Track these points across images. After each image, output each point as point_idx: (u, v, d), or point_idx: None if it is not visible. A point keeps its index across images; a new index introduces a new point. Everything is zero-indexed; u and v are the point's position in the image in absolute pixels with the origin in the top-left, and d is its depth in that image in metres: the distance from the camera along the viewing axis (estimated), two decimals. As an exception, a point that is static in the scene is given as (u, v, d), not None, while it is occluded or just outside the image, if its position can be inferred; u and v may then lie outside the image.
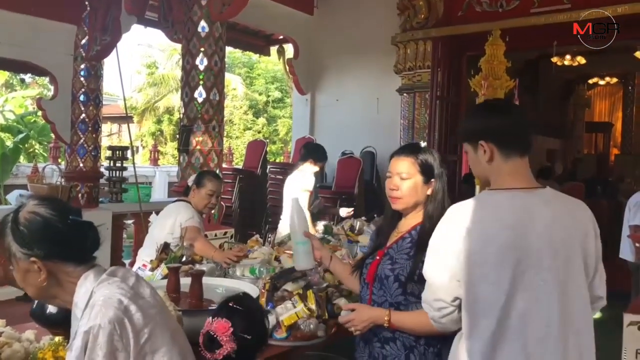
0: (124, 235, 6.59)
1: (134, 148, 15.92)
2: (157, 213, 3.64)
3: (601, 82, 13.13)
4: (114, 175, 7.45)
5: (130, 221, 6.44)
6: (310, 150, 4.87)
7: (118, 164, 7.47)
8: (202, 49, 5.33)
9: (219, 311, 1.66)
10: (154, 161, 16.17)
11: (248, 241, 3.42)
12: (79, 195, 6.40)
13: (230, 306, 1.66)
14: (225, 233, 4.05)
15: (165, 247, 3.00)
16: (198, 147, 5.38)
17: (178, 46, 6.60)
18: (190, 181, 3.56)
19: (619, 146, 14.09)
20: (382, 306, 1.88)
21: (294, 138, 8.69)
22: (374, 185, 7.22)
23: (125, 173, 7.59)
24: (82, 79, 6.40)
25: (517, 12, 6.10)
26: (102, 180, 7.06)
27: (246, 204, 7.32)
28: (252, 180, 7.56)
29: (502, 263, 1.48)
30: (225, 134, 8.90)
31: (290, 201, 2.21)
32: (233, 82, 20.73)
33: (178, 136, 5.74)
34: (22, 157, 14.41)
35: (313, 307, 2.24)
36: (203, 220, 3.52)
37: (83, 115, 6.42)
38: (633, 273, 5.23)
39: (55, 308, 1.92)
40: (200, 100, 5.36)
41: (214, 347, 1.60)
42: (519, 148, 1.60)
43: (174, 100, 19.75)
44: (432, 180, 1.94)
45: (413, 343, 1.84)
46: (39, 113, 9.54)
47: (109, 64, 6.71)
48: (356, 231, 3.70)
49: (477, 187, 3.66)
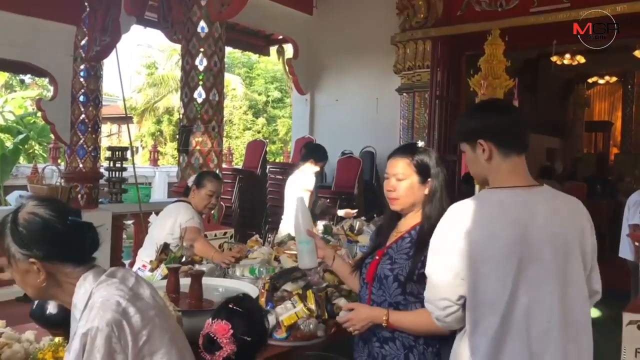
0: (124, 235, 6.58)
1: (134, 148, 15.93)
2: (157, 213, 3.64)
3: (601, 81, 13.13)
4: (114, 175, 7.44)
5: (130, 222, 6.44)
6: (310, 150, 4.87)
7: (118, 165, 7.46)
8: (202, 50, 5.33)
9: (219, 313, 1.65)
10: (154, 162, 16.16)
11: (248, 241, 3.43)
12: (79, 195, 6.40)
13: (230, 308, 1.66)
14: (225, 233, 4.05)
15: (165, 248, 3.00)
16: (198, 148, 5.38)
17: (178, 46, 6.61)
18: (190, 182, 3.56)
19: (619, 145, 14.08)
20: (382, 306, 1.88)
21: (294, 138, 8.70)
22: (374, 185, 7.22)
23: (124, 173, 7.58)
24: (82, 80, 6.39)
25: (517, 12, 6.10)
26: (102, 180, 7.05)
27: (246, 204, 7.32)
28: (252, 180, 7.56)
29: (507, 260, 1.50)
30: (224, 134, 8.90)
31: (291, 201, 2.21)
32: (233, 82, 20.74)
33: (178, 136, 5.74)
34: (22, 158, 14.40)
35: (313, 307, 2.24)
36: (203, 220, 3.53)
37: (83, 115, 6.42)
38: (632, 272, 5.23)
39: (55, 309, 1.93)
40: (199, 100, 5.36)
41: (214, 349, 1.60)
42: (518, 146, 1.63)
43: (174, 100, 19.76)
44: (429, 180, 1.93)
45: (412, 343, 1.84)
46: (39, 114, 9.54)
47: (109, 65, 6.72)
48: (356, 231, 3.71)
49: (477, 187, 3.65)
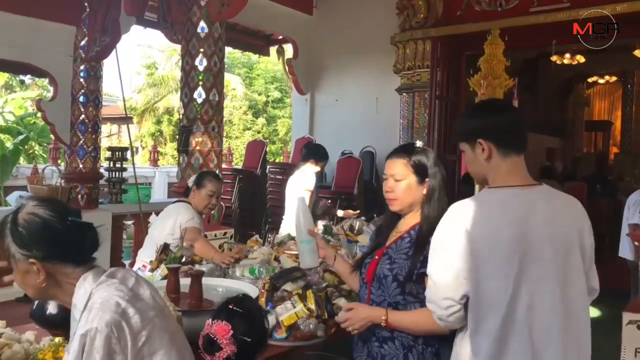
0: (124, 236, 6.59)
1: (134, 149, 15.92)
2: (157, 214, 3.64)
3: (600, 81, 13.14)
4: (114, 176, 7.43)
5: (130, 222, 6.44)
6: (311, 150, 4.87)
7: (118, 165, 7.45)
8: (202, 50, 5.33)
9: (219, 313, 1.65)
10: (154, 162, 16.15)
11: (248, 241, 3.43)
12: (79, 196, 6.40)
13: (229, 308, 1.66)
14: (225, 233, 4.05)
15: (164, 248, 3.01)
16: (197, 148, 5.38)
17: (178, 47, 6.61)
18: (190, 182, 3.56)
19: (619, 145, 14.08)
20: (381, 305, 1.88)
21: (294, 138, 8.70)
22: (374, 185, 7.22)
23: (124, 174, 7.57)
24: (82, 80, 6.39)
25: (516, 11, 6.10)
26: (102, 181, 7.04)
27: (246, 204, 7.32)
28: (252, 180, 7.56)
29: (509, 258, 1.52)
30: (224, 134, 8.90)
31: (292, 201, 2.21)
32: (232, 83, 20.74)
33: (178, 137, 5.74)
34: (22, 159, 14.40)
35: (312, 307, 2.24)
36: (203, 220, 3.53)
37: (82, 116, 6.41)
38: (632, 271, 5.23)
39: (55, 309, 1.93)
40: (199, 100, 5.36)
41: (214, 350, 1.59)
42: (517, 146, 1.64)
43: (174, 100, 19.76)
44: (427, 179, 1.93)
45: (411, 342, 1.84)
46: (39, 114, 9.54)
47: (109, 65, 6.71)
48: (355, 231, 3.71)
49: (477, 187, 3.65)
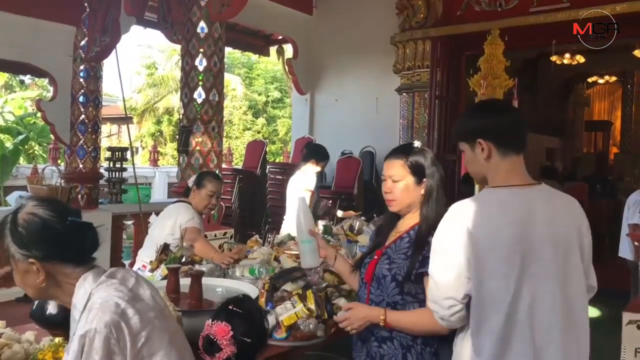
0: (124, 236, 6.59)
1: (134, 149, 15.93)
2: (157, 214, 3.64)
3: (600, 81, 13.13)
4: (114, 176, 7.44)
5: (130, 222, 6.44)
6: (311, 150, 4.87)
7: (118, 165, 7.45)
8: (202, 50, 5.33)
9: (219, 314, 1.65)
10: (154, 162, 16.14)
11: (248, 241, 3.43)
12: (79, 196, 6.40)
13: (229, 309, 1.65)
14: (225, 233, 4.05)
15: (164, 248, 3.01)
16: (197, 148, 5.38)
17: (177, 47, 6.61)
18: (190, 182, 3.56)
19: (618, 145, 14.08)
20: (380, 305, 1.88)
21: (294, 138, 8.70)
22: (374, 185, 7.21)
23: (124, 174, 7.57)
24: (82, 80, 6.39)
25: (516, 11, 6.11)
26: (102, 181, 7.05)
27: (246, 204, 7.32)
28: (252, 180, 7.56)
29: (511, 258, 1.53)
30: (224, 135, 8.89)
31: (293, 202, 2.21)
32: (232, 83, 20.73)
33: (177, 137, 5.74)
34: (22, 159, 14.40)
35: (312, 307, 2.24)
36: (203, 220, 3.53)
37: (82, 116, 6.41)
38: (632, 271, 5.23)
39: (55, 309, 1.93)
40: (199, 100, 5.36)
41: (214, 351, 1.59)
42: (516, 146, 1.65)
43: (174, 101, 19.75)
44: (424, 180, 1.93)
45: (410, 342, 1.84)
46: (39, 114, 9.53)
47: (109, 65, 6.71)
48: (355, 231, 3.71)
49: (477, 187, 3.65)
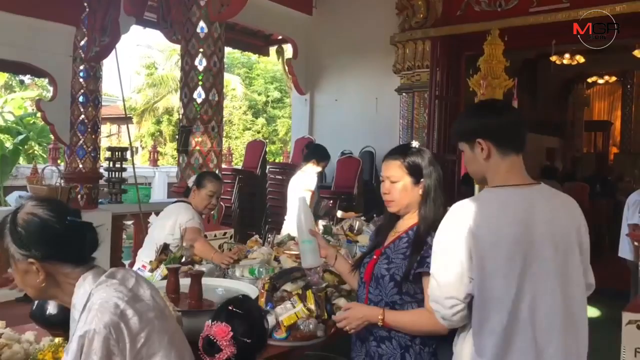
0: (124, 236, 6.59)
1: (133, 149, 15.92)
2: (157, 214, 3.64)
3: (600, 81, 13.14)
4: (114, 176, 7.43)
5: (129, 222, 6.44)
6: (312, 150, 4.88)
7: (117, 165, 7.45)
8: (201, 50, 5.32)
9: (218, 315, 1.64)
10: (154, 162, 16.14)
11: (247, 241, 3.42)
12: (79, 196, 6.40)
13: (229, 309, 1.65)
14: (224, 233, 4.04)
15: (164, 248, 3.01)
16: (197, 148, 5.37)
17: (177, 47, 6.61)
18: (190, 182, 3.56)
19: (618, 145, 14.09)
20: (378, 305, 1.89)
21: (294, 138, 8.70)
22: (373, 185, 7.22)
23: (124, 174, 7.57)
24: (81, 80, 6.38)
25: (516, 12, 6.11)
26: (102, 181, 7.04)
27: (246, 204, 7.32)
28: (252, 180, 7.56)
29: (512, 257, 1.54)
30: (224, 134, 8.89)
31: (294, 202, 2.21)
32: (232, 83, 20.72)
33: (177, 137, 5.73)
34: (22, 159, 14.38)
35: (312, 307, 2.24)
36: (203, 220, 3.53)
37: (82, 116, 6.41)
38: (632, 271, 5.23)
39: (55, 309, 1.93)
40: (199, 100, 5.36)
41: (214, 352, 1.59)
42: (515, 146, 1.67)
43: (173, 100, 19.74)
44: (422, 180, 1.93)
45: (409, 342, 1.84)
46: (38, 114, 9.51)
47: (108, 65, 6.70)
48: (355, 231, 3.71)
49: (477, 187, 3.65)
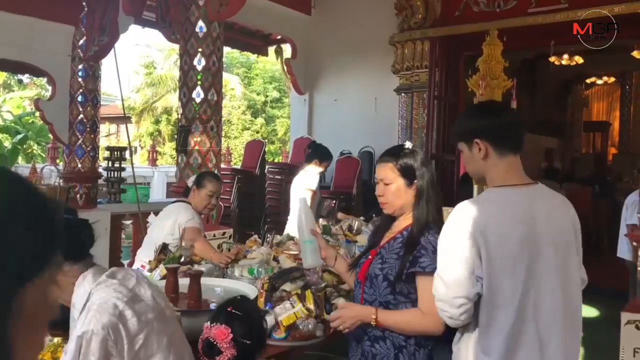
0: (123, 235, 6.58)
1: (132, 148, 15.91)
2: (156, 214, 3.64)
3: (599, 82, 13.15)
4: (112, 175, 7.44)
5: (128, 222, 6.43)
6: (314, 150, 4.87)
7: (116, 165, 7.46)
8: (200, 49, 5.32)
9: (217, 316, 1.64)
10: (152, 161, 16.13)
11: (247, 241, 3.43)
12: (77, 195, 6.39)
13: (228, 311, 1.64)
14: (223, 233, 4.05)
15: (163, 248, 3.01)
16: (196, 148, 5.37)
17: (176, 46, 6.59)
18: (190, 182, 3.56)
19: (617, 145, 14.10)
20: (373, 305, 1.89)
21: (292, 138, 8.69)
22: (372, 185, 7.20)
23: (123, 173, 7.57)
24: (80, 80, 6.37)
25: (515, 12, 6.11)
26: (101, 180, 7.04)
27: (245, 204, 7.31)
28: (251, 180, 7.55)
29: (519, 256, 1.57)
30: (223, 134, 8.89)
31: (297, 202, 2.22)
32: (231, 82, 20.71)
33: (176, 136, 5.73)
34: (20, 158, 14.38)
35: (311, 307, 2.24)
36: (202, 220, 3.53)
37: (81, 115, 6.40)
38: (631, 272, 5.24)
39: (54, 309, 1.92)
40: (198, 100, 5.35)
41: (214, 354, 1.58)
42: (513, 146, 1.69)
43: (172, 100, 19.72)
44: (415, 181, 1.93)
45: (403, 343, 1.84)
46: (37, 114, 9.49)
47: (107, 65, 6.69)
48: (354, 231, 3.71)
49: (475, 187, 3.66)
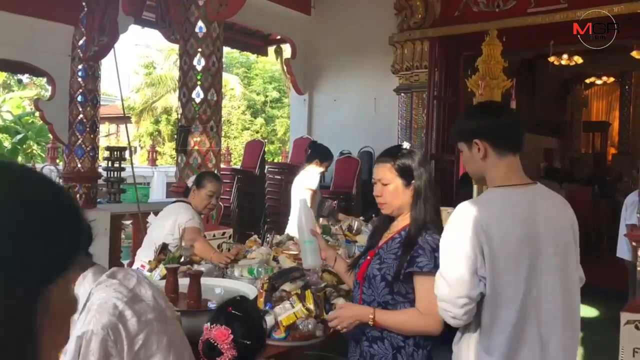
0: (122, 235, 6.58)
1: (132, 148, 15.91)
2: (156, 214, 3.64)
3: (598, 82, 13.14)
4: (112, 175, 7.44)
5: (128, 222, 6.43)
6: (315, 150, 4.87)
7: (116, 165, 7.46)
8: (200, 49, 5.32)
9: (217, 317, 1.63)
10: (152, 161, 16.13)
11: (246, 241, 3.43)
12: (77, 195, 6.39)
13: (228, 312, 1.64)
14: (223, 233, 4.05)
15: (163, 248, 3.01)
16: (196, 148, 5.37)
17: (176, 46, 6.58)
18: (190, 182, 3.56)
19: (616, 145, 14.11)
20: (371, 305, 1.89)
21: (292, 138, 8.69)
22: (372, 185, 7.20)
23: (123, 173, 7.57)
24: (80, 80, 6.37)
25: (514, 12, 6.11)
26: (100, 180, 7.04)
27: (244, 204, 7.31)
28: (251, 180, 7.55)
29: (521, 255, 1.58)
30: (223, 134, 8.88)
31: (297, 203, 2.22)
32: (231, 82, 20.71)
33: (176, 136, 5.73)
34: (20, 158, 14.37)
35: (311, 307, 2.24)
36: (202, 220, 3.53)
37: (81, 115, 6.40)
38: (630, 272, 5.24)
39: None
40: (197, 100, 5.35)
41: (215, 355, 1.58)
42: (512, 146, 1.70)
43: (172, 100, 19.72)
44: (412, 182, 1.93)
45: (401, 343, 1.83)
46: (37, 114, 9.49)
47: (107, 65, 6.69)
48: (354, 231, 3.71)
49: (475, 187, 3.66)
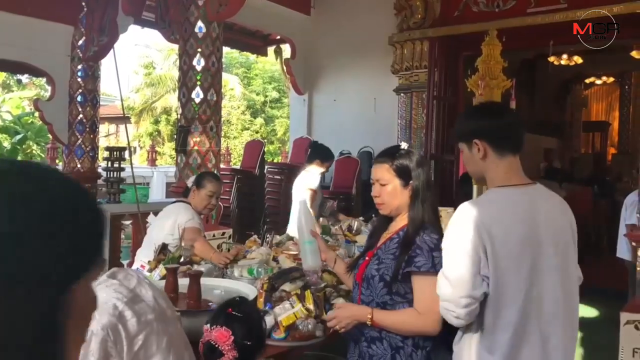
0: (122, 236, 6.57)
1: (132, 148, 15.90)
2: (155, 214, 3.64)
3: (598, 82, 13.14)
4: (112, 175, 7.43)
5: (128, 222, 6.42)
6: (316, 151, 4.87)
7: (116, 165, 7.45)
8: (199, 50, 5.32)
9: (217, 318, 1.63)
10: (152, 162, 16.13)
11: (246, 241, 3.43)
12: (77, 196, 6.38)
13: (228, 313, 1.64)
14: (223, 233, 4.04)
15: (163, 248, 3.01)
16: (196, 148, 5.37)
17: (175, 46, 6.59)
18: (190, 182, 3.56)
19: (616, 145, 14.11)
20: (370, 305, 1.88)
21: (292, 138, 8.69)
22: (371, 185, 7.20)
23: (122, 174, 7.57)
24: (80, 80, 6.38)
25: (514, 12, 6.11)
26: (100, 180, 7.04)
27: (244, 204, 7.31)
28: (250, 180, 7.55)
29: (523, 255, 1.60)
30: (222, 134, 8.89)
31: (297, 204, 2.22)
32: (230, 82, 20.71)
33: (175, 136, 5.73)
34: (20, 159, 14.37)
35: (311, 307, 2.24)
36: (202, 220, 3.53)
37: (80, 116, 6.41)
38: (630, 272, 5.24)
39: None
40: (197, 100, 5.35)
41: (215, 357, 1.58)
42: (511, 146, 1.71)
43: (172, 100, 19.71)
44: (411, 182, 1.93)
45: (400, 344, 1.83)
46: (36, 114, 9.51)
47: (106, 65, 6.70)
48: (354, 231, 3.71)
49: (475, 187, 3.66)
